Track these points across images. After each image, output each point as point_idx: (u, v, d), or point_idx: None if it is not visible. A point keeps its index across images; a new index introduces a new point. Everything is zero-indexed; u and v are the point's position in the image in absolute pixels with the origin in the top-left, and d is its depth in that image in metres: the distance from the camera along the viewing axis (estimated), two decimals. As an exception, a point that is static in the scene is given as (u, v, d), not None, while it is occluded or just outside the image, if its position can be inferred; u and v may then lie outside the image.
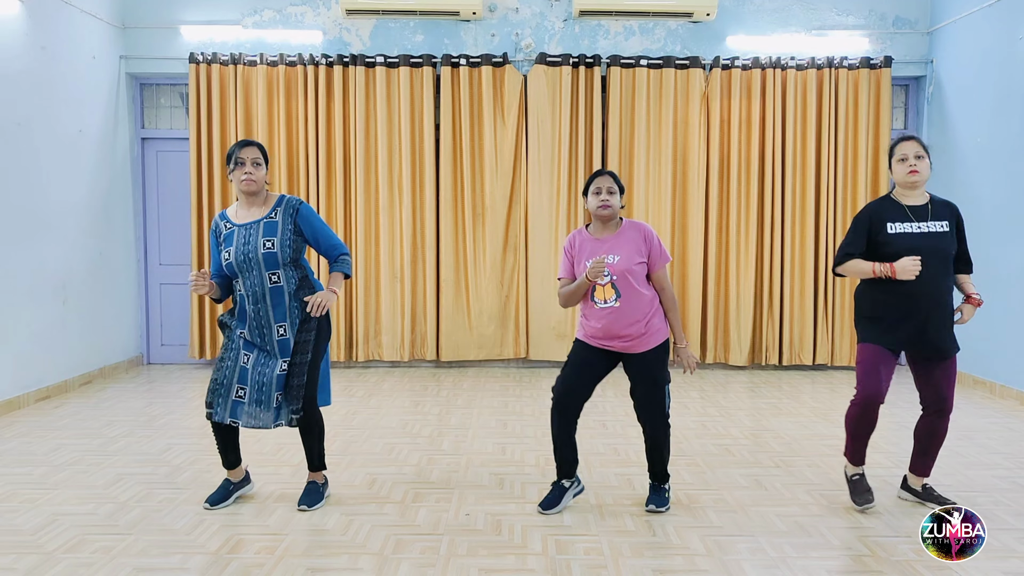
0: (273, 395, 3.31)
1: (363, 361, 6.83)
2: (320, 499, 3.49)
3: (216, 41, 6.63)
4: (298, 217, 3.36)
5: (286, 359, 3.32)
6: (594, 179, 3.34)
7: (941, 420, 3.41)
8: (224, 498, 3.47)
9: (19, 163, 5.32)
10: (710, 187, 6.70)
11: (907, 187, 3.32)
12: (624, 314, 3.25)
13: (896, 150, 3.34)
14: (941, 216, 3.31)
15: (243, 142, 3.35)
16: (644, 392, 3.36)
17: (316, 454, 3.52)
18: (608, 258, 3.25)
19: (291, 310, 3.33)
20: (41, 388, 5.51)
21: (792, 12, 6.69)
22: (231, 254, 3.29)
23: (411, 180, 6.67)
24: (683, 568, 2.87)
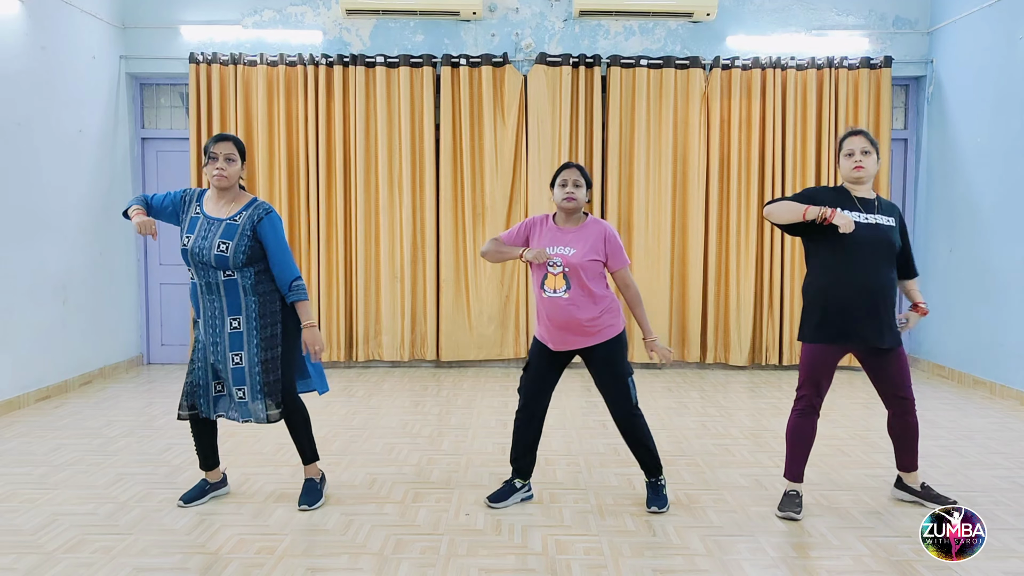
0: (234, 390, 3.31)
1: (363, 361, 6.83)
2: (319, 497, 3.49)
3: (216, 41, 6.64)
4: (258, 225, 3.28)
5: (238, 352, 3.29)
6: (561, 171, 3.37)
7: (908, 414, 3.40)
8: (199, 496, 3.47)
9: (19, 163, 5.32)
10: (710, 187, 6.70)
11: (852, 182, 3.32)
12: (571, 306, 3.27)
13: (844, 144, 3.34)
14: (887, 211, 3.32)
15: (218, 136, 3.31)
16: (607, 387, 3.38)
17: (306, 445, 3.52)
18: (565, 249, 3.29)
19: (247, 305, 3.29)
20: (41, 388, 5.51)
21: (792, 12, 6.70)
22: (189, 242, 3.27)
23: (411, 180, 6.67)
24: (683, 568, 2.87)
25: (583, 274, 3.28)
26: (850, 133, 3.34)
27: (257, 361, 3.30)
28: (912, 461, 3.49)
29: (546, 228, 3.42)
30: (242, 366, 3.30)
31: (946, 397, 5.74)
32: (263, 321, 3.31)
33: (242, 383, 3.31)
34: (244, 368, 3.30)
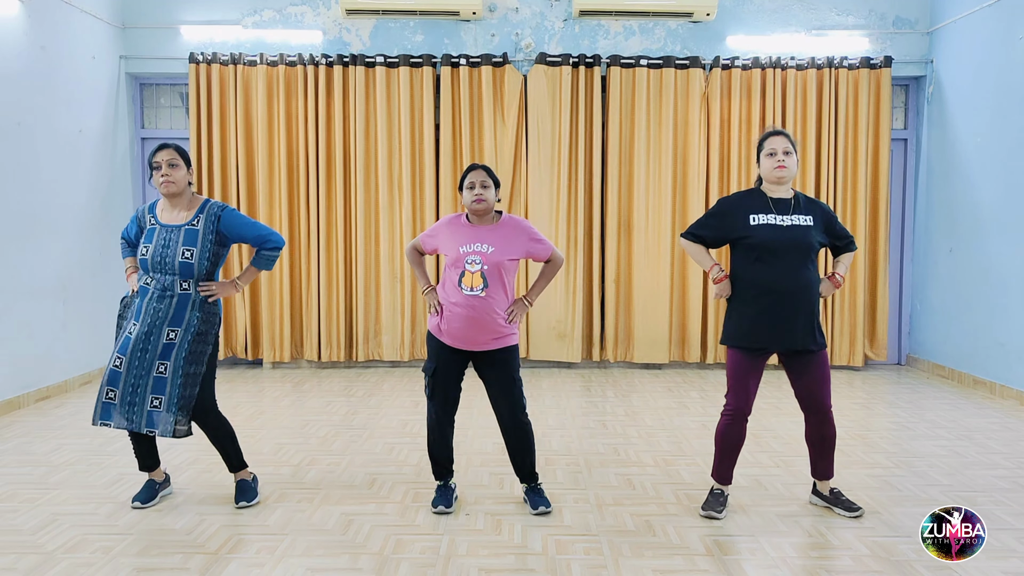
0: (148, 397, 3.29)
1: (363, 361, 6.83)
2: (255, 494, 3.52)
3: (216, 41, 6.64)
4: (220, 225, 3.33)
5: (164, 361, 3.29)
6: (468, 173, 3.35)
7: (824, 423, 3.35)
8: (152, 497, 3.48)
9: (19, 163, 5.32)
10: (710, 187, 6.70)
11: (773, 182, 3.31)
12: (486, 305, 3.26)
13: (765, 144, 3.33)
14: (805, 211, 3.28)
15: (158, 146, 3.35)
16: (507, 390, 3.38)
17: (233, 456, 3.53)
18: (482, 247, 3.29)
19: (190, 319, 3.31)
20: (41, 388, 5.51)
21: (792, 12, 6.70)
22: (148, 251, 3.30)
23: (411, 180, 6.67)
24: (683, 568, 2.87)
25: (502, 272, 3.29)
26: (772, 133, 3.34)
27: (180, 374, 3.30)
28: (827, 470, 3.43)
29: (459, 227, 3.39)
30: (165, 376, 3.30)
31: (946, 397, 5.74)
32: (198, 337, 3.34)
33: (161, 392, 3.29)
34: (167, 378, 3.30)
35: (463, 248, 3.30)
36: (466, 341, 3.32)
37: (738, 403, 3.31)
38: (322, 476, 3.89)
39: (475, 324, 3.27)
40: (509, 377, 3.37)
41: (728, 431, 3.36)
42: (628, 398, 5.69)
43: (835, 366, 6.80)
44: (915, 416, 5.18)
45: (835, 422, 3.39)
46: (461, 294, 3.27)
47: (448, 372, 3.39)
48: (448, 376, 3.39)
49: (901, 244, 7.06)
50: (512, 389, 3.38)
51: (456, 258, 3.31)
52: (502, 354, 3.36)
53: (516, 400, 3.39)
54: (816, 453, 3.44)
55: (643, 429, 4.79)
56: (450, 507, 3.41)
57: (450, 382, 3.41)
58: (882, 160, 6.69)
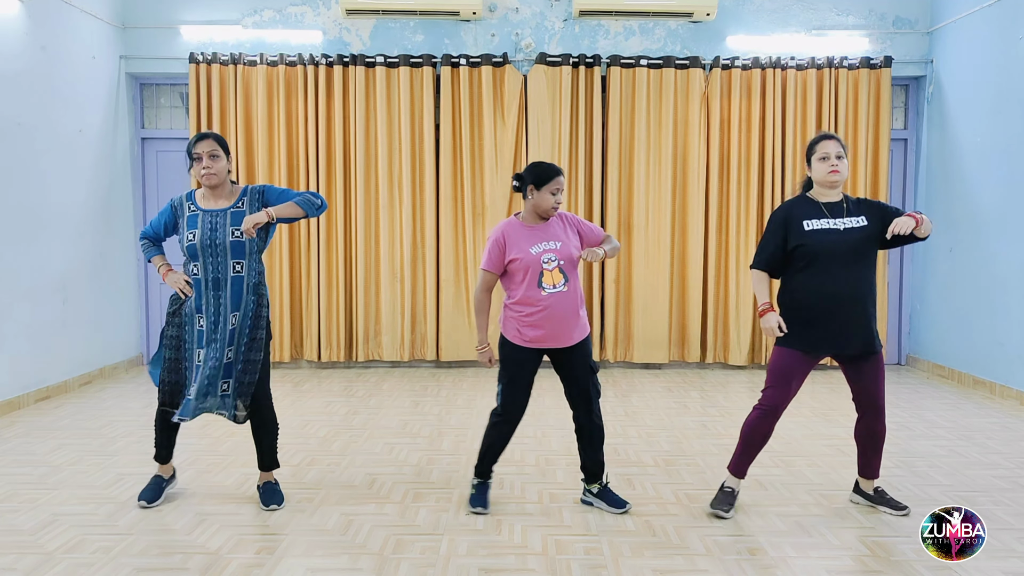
0: (219, 383, 3.31)
1: (363, 361, 6.83)
2: (282, 496, 3.50)
3: (216, 41, 6.63)
4: (263, 200, 3.37)
5: (231, 347, 3.31)
6: (555, 177, 3.30)
7: (876, 421, 3.37)
8: (157, 496, 3.47)
9: (19, 163, 5.32)
10: (710, 187, 6.70)
11: (826, 186, 3.29)
12: (569, 298, 3.28)
13: (817, 148, 3.30)
14: (857, 212, 3.27)
15: (198, 136, 3.34)
16: (584, 381, 3.37)
17: (269, 453, 3.53)
18: (551, 244, 3.30)
19: (247, 302, 3.34)
20: (41, 388, 5.51)
21: (792, 12, 6.70)
22: (195, 236, 3.28)
23: (411, 180, 6.67)
24: (683, 568, 2.87)
25: (573, 264, 3.32)
26: (824, 137, 3.31)
27: (242, 359, 3.34)
28: (874, 469, 3.45)
29: (519, 232, 3.36)
30: (232, 361, 3.33)
31: (946, 397, 5.74)
32: (255, 323, 3.36)
33: (229, 377, 3.33)
34: (232, 364, 3.33)
35: (534, 249, 3.29)
36: (558, 338, 3.31)
37: (775, 400, 3.29)
38: (322, 476, 3.89)
39: (564, 319, 3.28)
40: (588, 366, 3.37)
41: (757, 425, 3.33)
42: (628, 398, 5.69)
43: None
44: (915, 416, 5.18)
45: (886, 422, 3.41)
46: (544, 294, 3.27)
47: (524, 380, 3.38)
48: (524, 383, 3.38)
49: (901, 244, 7.05)
50: (589, 377, 3.37)
51: (530, 260, 3.28)
52: (583, 344, 3.36)
53: (591, 388, 3.38)
54: (865, 450, 3.45)
55: (643, 429, 4.79)
56: (487, 508, 3.41)
57: (527, 391, 3.40)
58: (882, 160, 6.69)
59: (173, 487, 3.62)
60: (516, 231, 3.36)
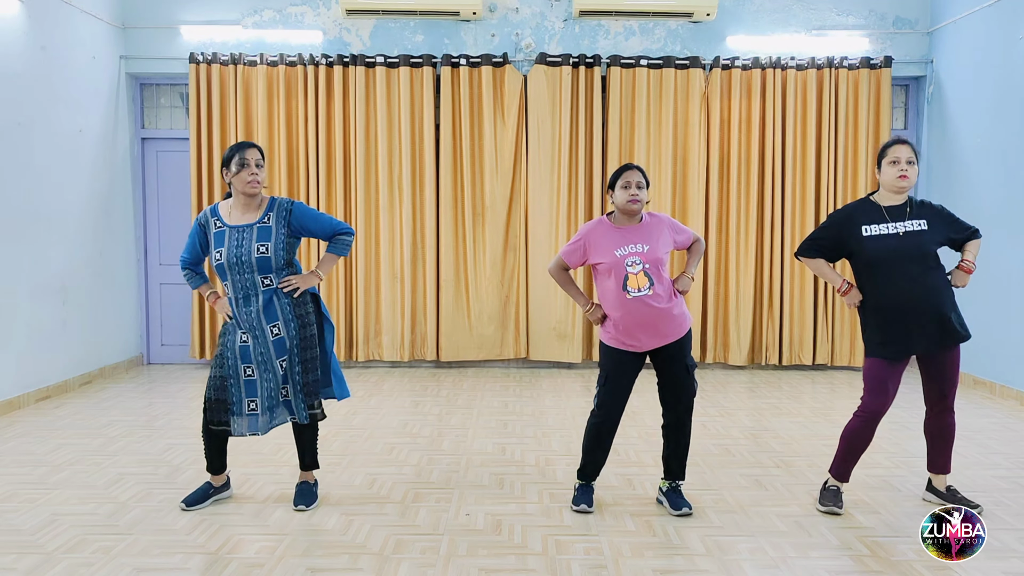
0: (279, 393, 3.35)
1: (363, 361, 6.83)
2: (315, 498, 3.50)
3: (216, 41, 6.64)
4: (291, 219, 3.35)
5: (283, 358, 3.33)
6: (623, 172, 3.34)
7: (946, 416, 3.41)
8: (202, 500, 3.47)
9: (19, 163, 5.32)
10: (710, 187, 6.70)
11: (894, 191, 3.30)
12: (658, 301, 3.26)
13: (889, 152, 3.31)
14: (919, 216, 3.29)
15: (244, 144, 3.32)
16: (679, 380, 3.36)
17: (310, 452, 3.53)
18: (638, 247, 3.29)
19: (282, 308, 3.34)
20: (41, 388, 5.51)
21: (792, 12, 6.70)
22: (223, 255, 3.28)
23: (411, 180, 6.67)
24: (683, 568, 2.87)
25: (660, 267, 3.29)
26: (896, 141, 3.32)
27: (298, 361, 3.36)
28: (945, 464, 3.47)
29: (606, 232, 3.37)
30: (287, 371, 3.35)
31: (946, 397, 5.74)
32: (300, 322, 3.37)
33: (287, 382, 3.36)
34: (287, 371, 3.35)
35: (619, 251, 3.28)
36: (651, 341, 3.31)
37: (875, 405, 3.31)
38: (322, 476, 3.88)
39: (652, 322, 3.27)
40: (683, 366, 3.36)
41: (859, 431, 3.35)
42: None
43: (835, 366, 6.81)
44: (915, 416, 5.16)
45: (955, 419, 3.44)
46: (627, 299, 3.26)
47: (622, 381, 3.38)
48: (622, 385, 3.38)
49: (901, 244, 7.05)
50: (685, 377, 3.37)
51: (614, 262, 3.28)
52: (679, 344, 3.34)
53: (687, 388, 3.38)
54: (934, 446, 3.47)
55: (643, 429, 4.79)
56: (591, 507, 3.40)
57: (624, 391, 3.40)
58: (882, 160, 6.68)
59: (227, 495, 3.58)
60: (602, 232, 3.37)
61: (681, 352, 3.35)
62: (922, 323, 3.23)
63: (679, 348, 3.35)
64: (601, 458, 3.50)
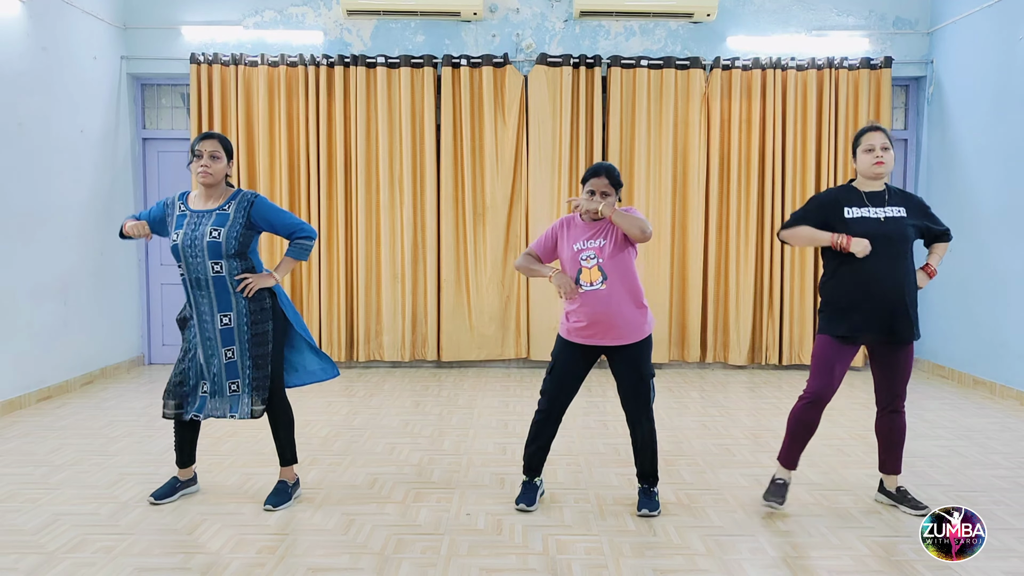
0: (226, 384, 3.36)
1: (364, 361, 6.83)
2: (288, 499, 3.49)
3: (217, 42, 6.64)
4: (252, 211, 3.36)
5: (230, 347, 3.34)
6: (590, 178, 3.34)
7: (897, 415, 3.39)
8: (169, 494, 3.50)
9: (20, 163, 5.32)
10: (710, 187, 6.70)
11: (871, 177, 3.31)
12: (609, 297, 3.26)
13: (863, 140, 3.32)
14: (898, 203, 3.30)
15: (204, 134, 3.37)
16: (633, 387, 3.36)
17: (288, 446, 3.54)
18: (596, 242, 3.31)
19: (236, 301, 3.34)
20: (42, 388, 5.52)
21: (792, 12, 6.70)
22: (179, 236, 3.31)
23: (412, 180, 6.67)
24: (684, 568, 2.87)
25: (619, 263, 3.28)
26: (869, 128, 3.33)
27: (248, 356, 3.35)
28: (895, 465, 3.46)
29: (573, 226, 3.42)
30: (235, 360, 3.35)
31: (946, 397, 5.75)
32: (253, 317, 3.36)
33: (235, 377, 3.37)
34: (236, 362, 3.35)
35: (577, 245, 3.32)
36: (598, 336, 3.31)
37: (819, 388, 3.28)
38: (323, 476, 3.90)
39: (602, 318, 3.27)
40: (637, 373, 3.35)
41: (802, 414, 3.34)
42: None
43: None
44: (915, 416, 5.17)
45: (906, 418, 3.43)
46: (581, 291, 3.29)
47: (569, 370, 3.39)
48: (567, 374, 3.39)
49: (901, 244, 7.05)
50: (639, 384, 3.35)
51: (571, 256, 3.32)
52: (631, 349, 3.34)
53: (640, 395, 3.36)
54: (884, 446, 3.46)
55: (643, 429, 4.79)
56: (531, 505, 3.41)
57: (568, 381, 3.40)
58: (882, 160, 6.68)
59: (194, 491, 3.62)
60: (571, 227, 3.42)
61: (637, 359, 3.34)
62: (883, 310, 3.20)
63: (635, 354, 3.34)
64: (538, 453, 3.49)
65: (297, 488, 3.59)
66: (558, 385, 3.41)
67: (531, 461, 3.51)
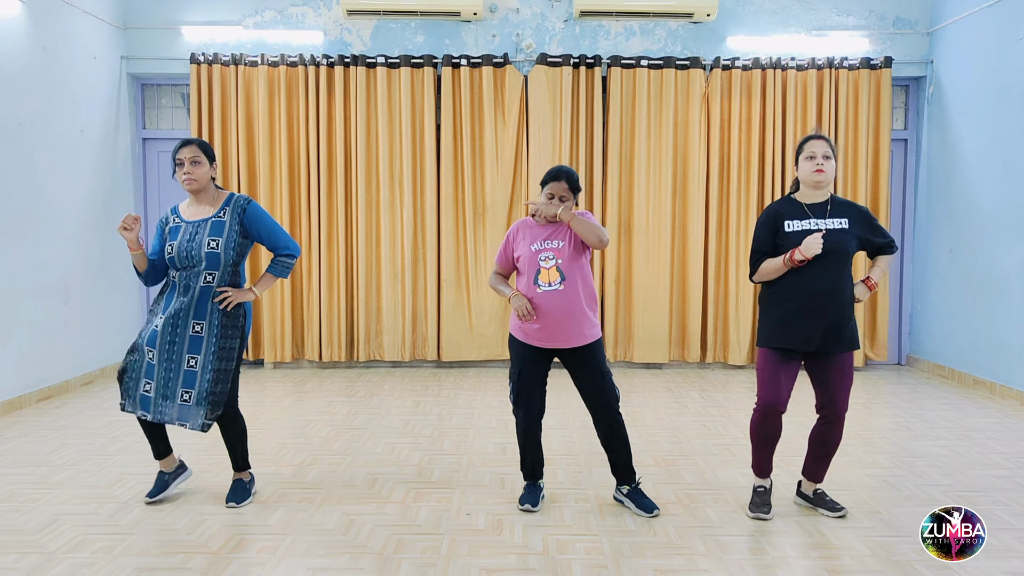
0: (179, 391, 3.33)
1: (364, 361, 6.83)
2: (248, 496, 3.52)
3: (217, 42, 6.64)
4: (245, 217, 3.38)
5: (194, 355, 3.33)
6: (550, 181, 3.34)
7: (834, 425, 3.36)
8: (162, 489, 3.50)
9: (20, 163, 5.32)
10: (710, 187, 6.71)
11: (812, 186, 3.28)
12: (566, 298, 3.27)
13: (805, 147, 3.29)
14: (840, 214, 3.27)
15: (181, 142, 3.39)
16: (597, 385, 3.36)
17: (240, 455, 3.56)
18: (554, 243, 3.31)
19: (212, 311, 3.34)
20: (43, 388, 5.52)
21: (792, 12, 6.70)
22: (174, 248, 3.32)
23: (412, 180, 6.68)
24: (684, 568, 2.88)
25: (576, 265, 3.30)
26: (812, 137, 3.31)
27: (211, 369, 3.34)
28: (820, 473, 3.45)
29: (527, 230, 3.41)
30: (195, 370, 3.33)
31: (946, 397, 5.75)
32: (224, 331, 3.36)
33: (191, 386, 3.34)
34: (196, 372, 3.33)
35: (535, 246, 3.32)
36: (554, 338, 3.31)
37: (768, 398, 3.28)
38: (323, 476, 3.90)
39: (559, 319, 3.27)
40: (599, 371, 3.36)
41: (761, 424, 3.34)
42: (628, 398, 5.69)
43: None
44: (915, 416, 5.18)
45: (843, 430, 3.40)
46: (538, 293, 3.29)
47: (533, 374, 3.40)
48: (533, 378, 3.40)
49: (901, 244, 7.06)
50: (602, 381, 3.36)
51: (529, 256, 3.32)
52: (587, 350, 3.35)
53: (605, 392, 3.36)
54: (814, 454, 3.44)
55: (643, 429, 4.80)
56: (536, 506, 3.41)
57: (535, 385, 3.42)
58: (882, 160, 6.69)
59: (185, 479, 3.64)
60: (526, 229, 3.42)
61: (593, 359, 3.35)
62: (822, 322, 3.18)
63: (590, 354, 3.35)
64: (530, 455, 3.50)
65: (253, 484, 3.62)
66: (527, 393, 3.42)
67: (532, 469, 3.52)
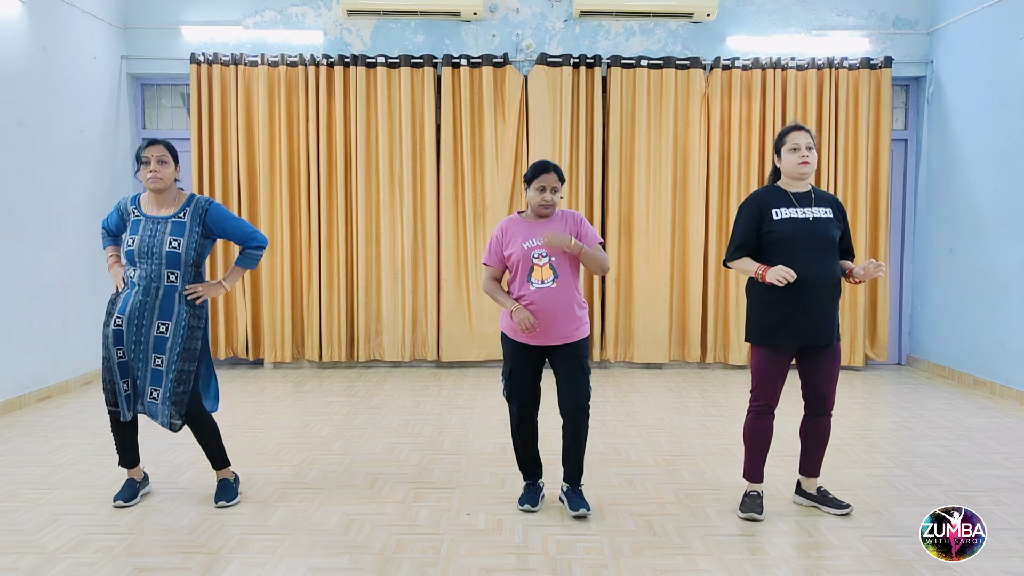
0: (148, 388, 3.34)
1: (364, 361, 6.83)
2: (235, 494, 3.52)
3: (217, 41, 6.64)
4: (207, 219, 3.39)
5: (160, 355, 3.32)
6: (540, 175, 3.32)
7: (823, 419, 3.37)
8: (133, 496, 3.49)
9: (20, 163, 5.32)
10: (710, 187, 6.70)
11: (796, 177, 3.27)
12: (559, 296, 3.27)
13: (788, 139, 3.28)
14: (825, 204, 3.28)
15: (149, 141, 3.39)
16: (577, 381, 3.35)
17: (216, 454, 3.55)
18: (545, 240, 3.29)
19: (179, 312, 3.34)
20: (43, 388, 5.52)
21: (792, 12, 6.70)
22: (135, 242, 3.32)
23: (412, 180, 6.67)
24: (684, 568, 2.88)
25: (567, 262, 3.30)
26: (793, 128, 3.29)
27: (174, 369, 3.34)
28: (816, 467, 3.45)
29: (518, 227, 3.39)
30: (161, 369, 3.34)
31: (946, 397, 5.75)
32: (189, 332, 3.36)
33: (158, 385, 3.35)
34: (162, 371, 3.34)
35: (527, 244, 3.30)
36: (546, 335, 3.30)
37: (764, 398, 3.30)
38: (323, 476, 3.90)
39: (552, 316, 3.27)
40: (580, 368, 3.36)
41: (755, 427, 3.35)
42: (628, 398, 5.70)
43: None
44: (915, 416, 5.18)
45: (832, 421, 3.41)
46: (532, 289, 3.28)
47: (525, 372, 3.39)
48: (525, 376, 3.40)
49: (901, 244, 7.06)
50: (581, 378, 3.36)
51: (522, 254, 3.31)
52: (575, 347, 3.35)
53: (582, 389, 3.36)
54: (807, 449, 3.45)
55: (643, 429, 4.80)
56: (536, 506, 3.41)
57: (527, 382, 3.41)
58: (882, 160, 6.69)
59: (147, 491, 3.61)
60: (515, 226, 3.40)
61: (579, 354, 3.36)
62: (813, 311, 3.18)
63: (576, 350, 3.35)
64: (526, 455, 3.50)
65: (238, 482, 3.62)
66: (520, 390, 3.41)
67: (530, 468, 3.53)
